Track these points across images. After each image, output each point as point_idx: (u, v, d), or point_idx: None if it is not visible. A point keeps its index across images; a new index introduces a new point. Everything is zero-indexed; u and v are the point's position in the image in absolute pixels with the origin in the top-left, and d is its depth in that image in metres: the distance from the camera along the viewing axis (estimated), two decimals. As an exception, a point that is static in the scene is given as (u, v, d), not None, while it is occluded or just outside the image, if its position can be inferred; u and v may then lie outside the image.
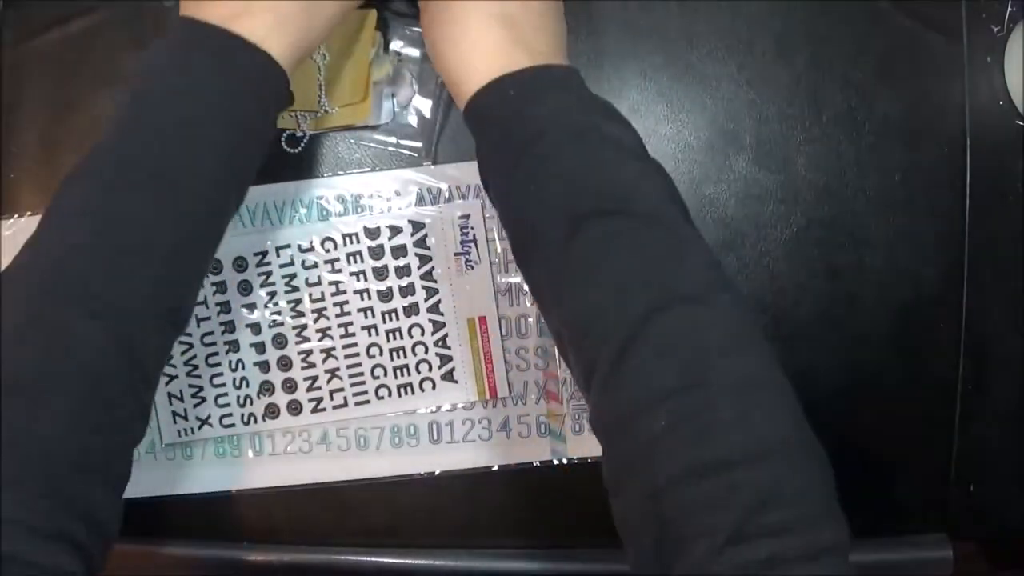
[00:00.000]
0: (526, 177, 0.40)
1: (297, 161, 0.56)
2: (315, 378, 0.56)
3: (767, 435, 0.33)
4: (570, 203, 0.38)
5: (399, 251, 0.55)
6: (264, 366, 0.57)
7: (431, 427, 0.57)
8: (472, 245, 0.55)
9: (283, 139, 0.55)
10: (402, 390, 0.56)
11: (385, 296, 0.56)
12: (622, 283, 0.36)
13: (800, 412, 0.35)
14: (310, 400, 0.57)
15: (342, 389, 0.56)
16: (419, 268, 0.55)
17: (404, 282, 0.55)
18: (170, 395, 0.57)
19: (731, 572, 0.30)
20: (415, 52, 0.54)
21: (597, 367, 0.36)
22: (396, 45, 0.54)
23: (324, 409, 0.57)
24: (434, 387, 0.56)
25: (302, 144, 0.55)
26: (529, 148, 0.39)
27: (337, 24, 0.44)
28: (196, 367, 0.57)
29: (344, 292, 0.56)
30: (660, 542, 0.32)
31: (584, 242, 0.37)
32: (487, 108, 0.41)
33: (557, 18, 0.44)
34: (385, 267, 0.55)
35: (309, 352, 0.56)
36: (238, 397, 0.57)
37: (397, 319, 0.56)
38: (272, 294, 0.56)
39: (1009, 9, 0.54)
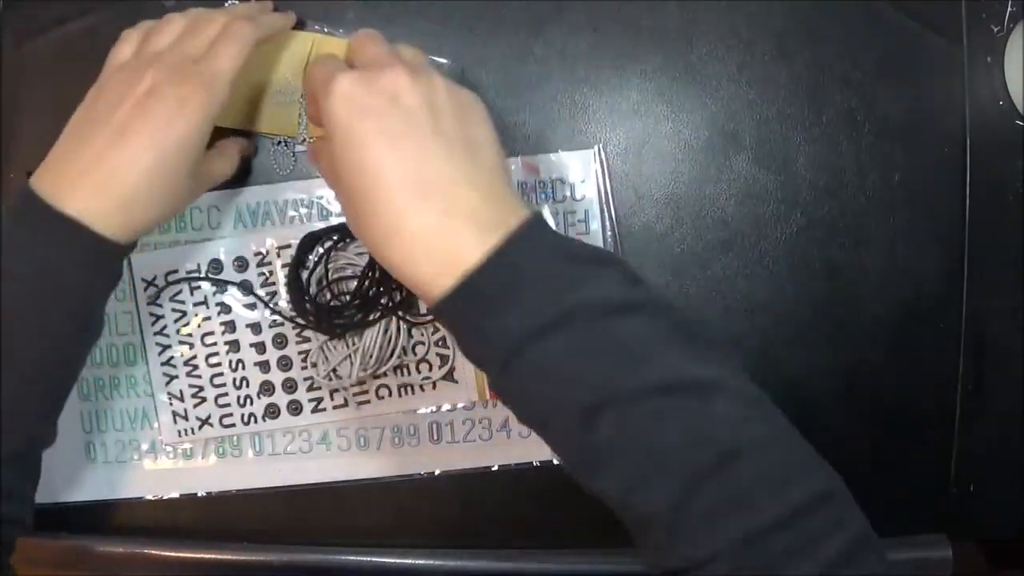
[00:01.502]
0: (519, 384, 0.38)
1: (299, 162, 0.56)
2: (315, 378, 0.56)
3: (820, 560, 0.34)
4: (574, 400, 0.37)
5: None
6: (264, 366, 0.57)
7: (431, 427, 0.57)
8: (472, 245, 0.55)
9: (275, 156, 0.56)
10: (402, 390, 0.56)
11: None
12: (655, 465, 0.36)
13: (848, 509, 0.37)
14: (310, 400, 0.57)
15: (342, 389, 0.56)
16: (419, 268, 0.55)
17: (404, 282, 0.55)
18: (170, 395, 0.57)
19: None
20: None
21: (646, 536, 0.37)
22: None
23: (324, 409, 0.57)
24: (434, 387, 0.56)
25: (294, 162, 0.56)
26: (514, 356, 0.37)
27: (186, 205, 0.48)
28: (196, 367, 0.57)
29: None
30: None
31: (602, 435, 0.36)
32: (455, 318, 0.39)
33: (475, 152, 0.40)
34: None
35: (310, 352, 0.56)
36: (238, 397, 0.57)
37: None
38: (272, 294, 0.56)
39: (1009, 9, 0.54)
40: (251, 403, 0.57)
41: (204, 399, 0.57)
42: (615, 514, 0.39)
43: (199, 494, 0.57)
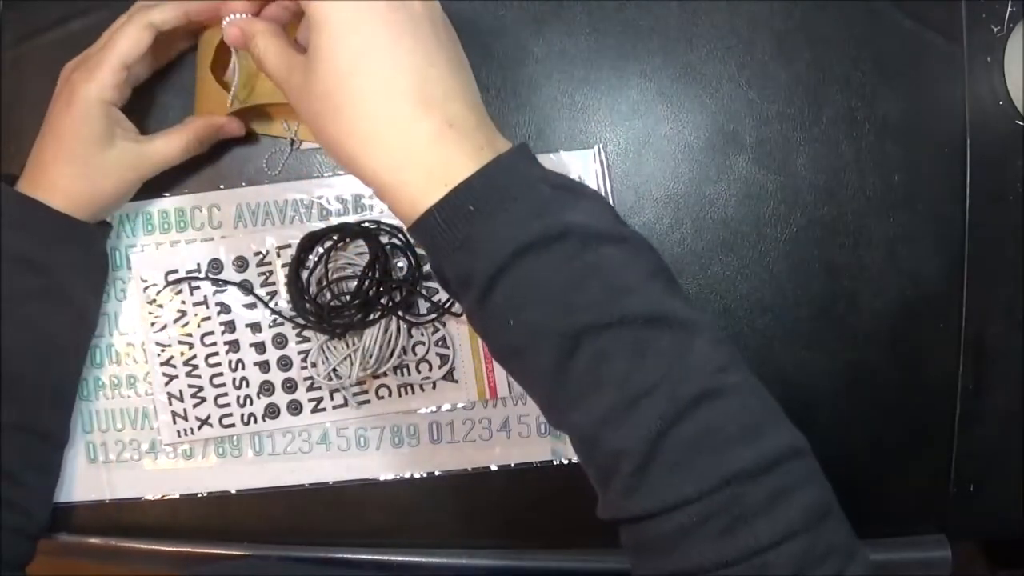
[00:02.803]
0: (501, 307, 0.37)
1: (299, 162, 0.56)
2: (315, 378, 0.56)
3: (792, 514, 0.34)
4: (557, 326, 0.36)
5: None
6: (264, 366, 0.57)
7: (431, 427, 0.57)
8: (472, 245, 0.55)
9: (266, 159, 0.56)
10: (402, 390, 0.56)
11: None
12: (632, 398, 0.35)
13: (816, 471, 0.37)
14: (310, 400, 0.57)
15: (342, 389, 0.56)
16: (419, 268, 0.55)
17: (404, 282, 0.56)
18: (170, 395, 0.57)
19: None
20: None
21: (614, 477, 0.36)
22: None
23: (324, 409, 0.57)
24: (434, 387, 0.56)
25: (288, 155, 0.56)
26: (497, 277, 0.36)
27: (129, 184, 0.52)
28: (196, 367, 0.57)
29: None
30: None
31: (582, 362, 0.36)
32: (436, 235, 0.37)
33: (467, 73, 0.40)
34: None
35: (309, 352, 0.56)
36: (238, 397, 0.57)
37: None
38: (272, 294, 0.56)
39: (1009, 9, 0.54)
40: (251, 403, 0.57)
41: (204, 399, 0.57)
42: (581, 457, 0.38)
43: (199, 494, 0.58)
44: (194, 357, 0.57)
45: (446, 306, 0.55)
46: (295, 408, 0.57)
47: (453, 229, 0.37)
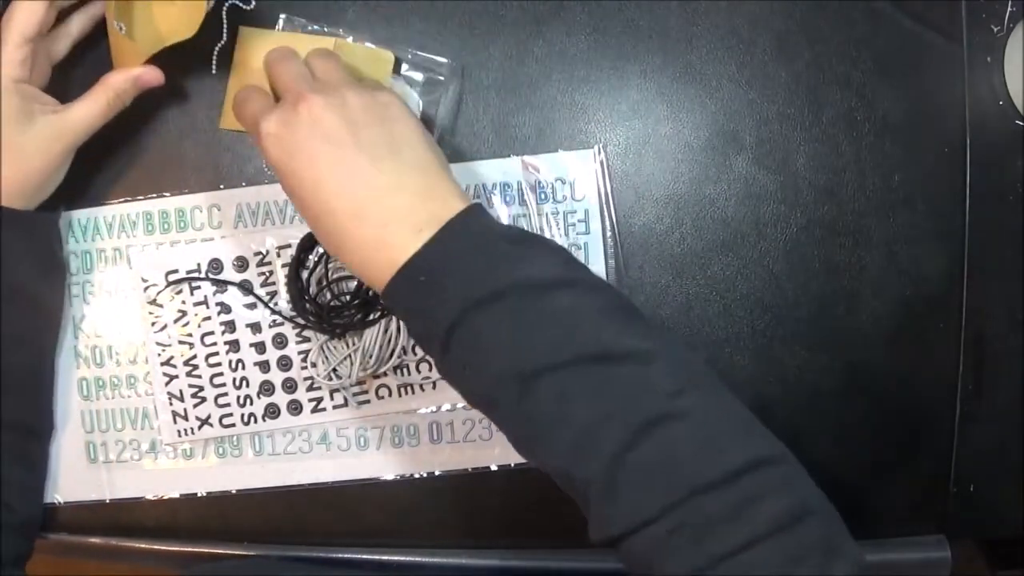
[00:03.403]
0: (459, 360, 0.40)
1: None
2: (315, 378, 0.56)
3: (759, 520, 0.35)
4: (510, 370, 0.39)
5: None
6: (264, 366, 0.57)
7: (431, 427, 0.57)
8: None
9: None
10: (402, 390, 0.56)
11: (385, 296, 0.56)
12: (589, 431, 0.38)
13: (792, 476, 0.38)
14: (310, 400, 0.57)
15: (342, 389, 0.56)
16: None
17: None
18: (170, 395, 0.57)
19: None
20: (419, 75, 0.55)
21: (589, 500, 0.38)
22: (403, 68, 0.55)
23: (324, 409, 0.57)
24: (434, 387, 0.56)
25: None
26: (451, 335, 0.40)
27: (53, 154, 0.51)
28: (196, 367, 0.57)
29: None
30: None
31: (537, 402, 0.38)
32: (401, 300, 0.42)
33: (404, 151, 0.43)
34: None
35: (309, 352, 0.56)
36: (238, 397, 0.57)
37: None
38: (272, 294, 0.56)
39: (1009, 9, 0.54)
40: (251, 403, 0.57)
41: (204, 399, 0.57)
42: (563, 488, 0.40)
43: (199, 494, 0.58)
44: (194, 357, 0.57)
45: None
46: (295, 408, 0.57)
47: (410, 303, 0.41)
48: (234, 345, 0.57)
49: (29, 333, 0.54)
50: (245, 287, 0.56)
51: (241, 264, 0.56)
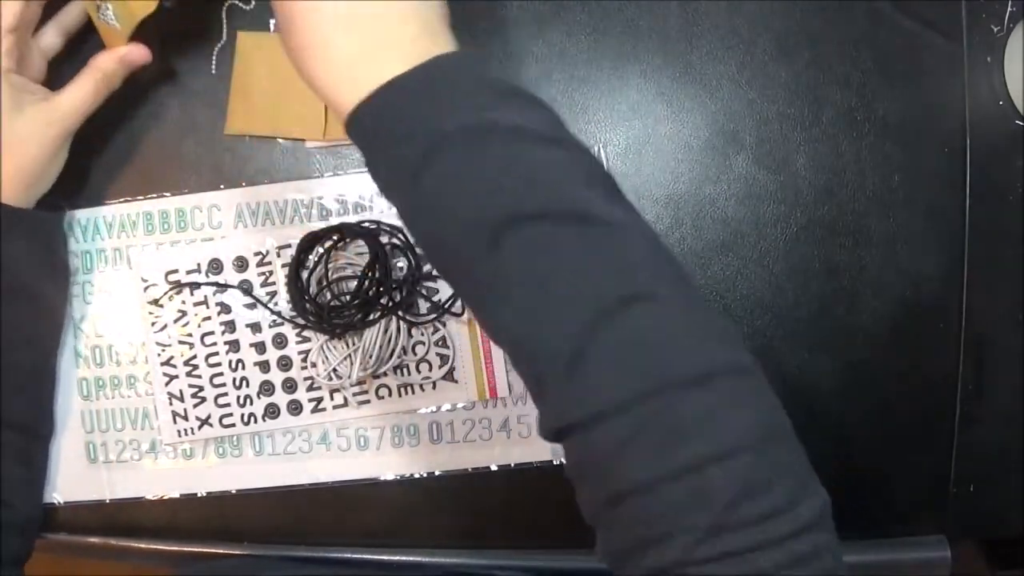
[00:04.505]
0: (430, 195, 0.37)
1: (299, 162, 0.56)
2: (315, 378, 0.56)
3: (733, 430, 0.33)
4: (483, 214, 0.35)
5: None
6: (264, 366, 0.57)
7: (431, 427, 0.57)
8: (472, 245, 0.55)
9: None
10: (402, 390, 0.56)
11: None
12: (559, 294, 0.34)
13: (764, 392, 0.35)
14: (310, 400, 0.57)
15: (342, 389, 0.56)
16: (419, 268, 0.55)
17: (404, 282, 0.56)
18: (170, 395, 0.57)
19: (712, 558, 0.31)
20: None
21: (547, 379, 0.35)
22: None
23: (324, 409, 0.57)
24: (434, 387, 0.56)
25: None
26: (426, 164, 0.36)
27: (49, 157, 0.51)
28: (196, 367, 0.57)
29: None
30: (630, 539, 0.34)
31: (507, 254, 0.35)
32: (371, 125, 0.38)
33: None
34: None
35: (309, 352, 0.56)
36: (238, 397, 0.57)
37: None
38: (272, 294, 0.56)
39: (1009, 9, 0.54)
40: (251, 403, 0.57)
41: (204, 399, 0.57)
42: (516, 366, 0.37)
43: (199, 494, 0.58)
44: (194, 357, 0.57)
45: (446, 306, 0.55)
46: (295, 408, 0.57)
47: (380, 128, 0.37)
48: (234, 345, 0.57)
49: (33, 333, 0.54)
50: (244, 288, 0.56)
51: (241, 264, 0.56)
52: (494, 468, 0.57)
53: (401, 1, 0.38)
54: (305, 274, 0.55)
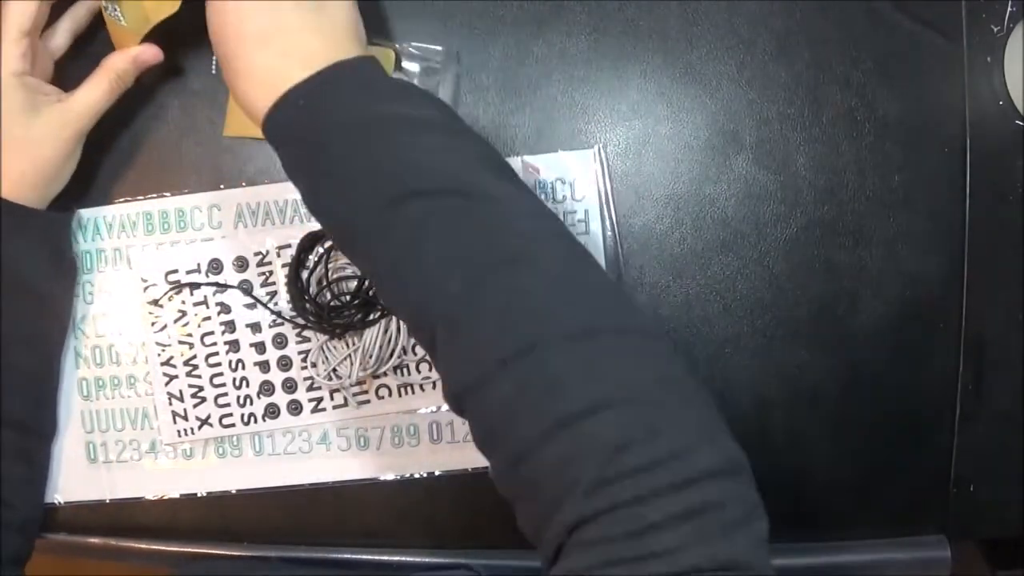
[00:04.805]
0: (329, 181, 0.40)
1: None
2: (315, 378, 0.56)
3: (611, 382, 0.33)
4: (376, 194, 0.39)
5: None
6: (264, 366, 0.57)
7: (431, 427, 0.57)
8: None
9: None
10: (402, 390, 0.56)
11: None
12: (441, 258, 0.37)
13: (658, 349, 0.36)
14: (310, 400, 0.57)
15: (342, 389, 0.56)
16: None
17: (404, 282, 0.55)
18: (170, 395, 0.57)
19: (603, 510, 0.31)
20: (415, 66, 0.55)
21: (437, 343, 0.37)
22: (400, 63, 0.55)
23: (324, 409, 0.57)
24: (434, 387, 0.56)
25: None
26: (325, 152, 0.40)
27: (63, 154, 0.52)
28: (196, 367, 0.57)
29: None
30: (537, 506, 0.34)
31: (395, 229, 0.38)
32: (279, 127, 0.42)
33: (329, 8, 0.44)
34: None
35: (309, 352, 0.56)
36: (238, 397, 0.57)
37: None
38: (272, 294, 0.56)
39: (1009, 9, 0.54)
40: (251, 403, 0.57)
41: (204, 399, 0.57)
42: (415, 337, 0.39)
43: (199, 494, 0.58)
44: (194, 357, 0.57)
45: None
46: (295, 408, 0.57)
47: (289, 125, 0.41)
48: (234, 345, 0.57)
49: (39, 333, 0.54)
50: (244, 288, 0.56)
51: (241, 264, 0.56)
52: (494, 468, 0.57)
53: (309, 15, 0.42)
54: (305, 274, 0.55)
